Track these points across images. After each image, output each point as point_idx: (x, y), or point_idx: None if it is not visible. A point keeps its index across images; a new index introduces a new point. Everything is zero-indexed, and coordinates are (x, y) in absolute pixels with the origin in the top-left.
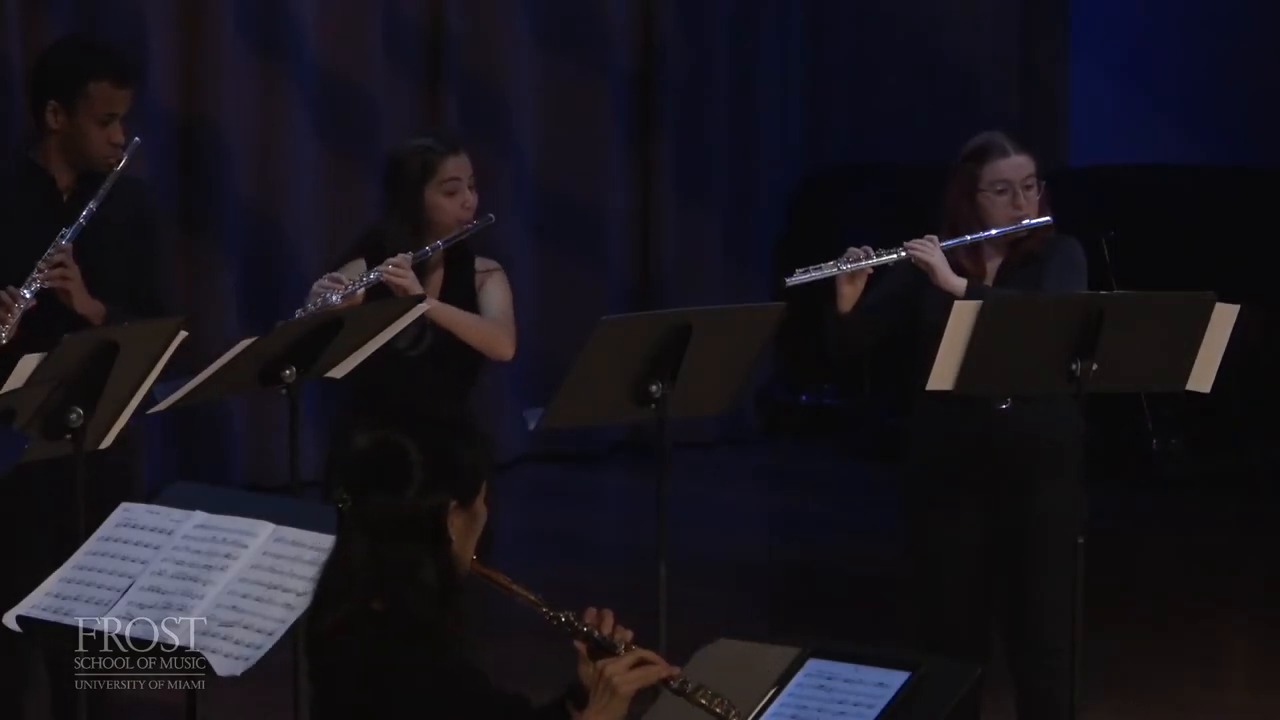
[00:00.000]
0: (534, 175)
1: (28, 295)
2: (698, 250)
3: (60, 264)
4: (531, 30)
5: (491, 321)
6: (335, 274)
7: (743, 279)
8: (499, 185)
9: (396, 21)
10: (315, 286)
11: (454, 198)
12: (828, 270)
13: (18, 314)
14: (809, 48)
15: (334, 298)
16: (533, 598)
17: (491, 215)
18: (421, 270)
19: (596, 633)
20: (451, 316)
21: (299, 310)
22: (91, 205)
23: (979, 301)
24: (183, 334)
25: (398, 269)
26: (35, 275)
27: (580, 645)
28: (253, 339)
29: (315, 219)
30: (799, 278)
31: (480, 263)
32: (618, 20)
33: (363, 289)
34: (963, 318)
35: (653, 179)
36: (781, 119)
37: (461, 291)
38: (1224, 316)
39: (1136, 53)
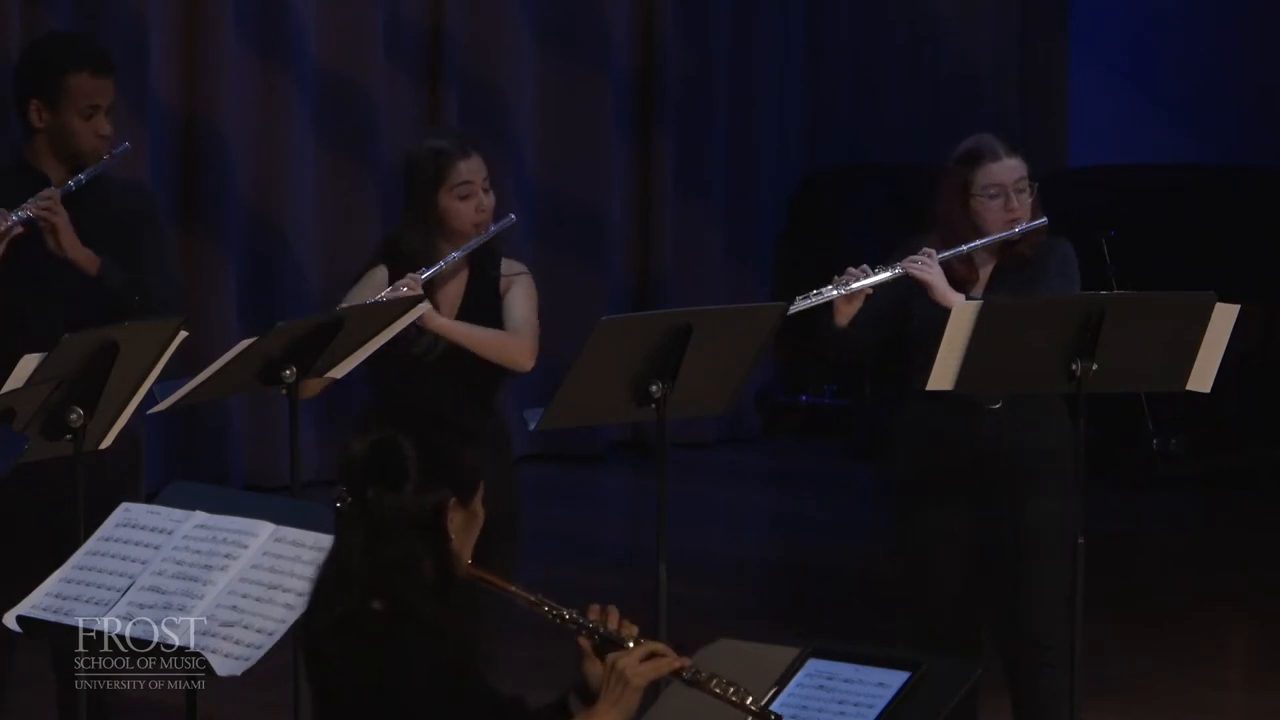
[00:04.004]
0: (534, 175)
1: (15, 219)
2: (698, 250)
3: (49, 197)
4: (531, 30)
5: (505, 333)
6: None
7: (743, 279)
8: (499, 185)
9: (396, 21)
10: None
11: (468, 202)
12: (828, 294)
13: (5, 234)
14: (809, 48)
15: None
16: (532, 598)
17: (512, 216)
18: (443, 276)
19: (602, 628)
20: (459, 333)
21: None
22: (81, 177)
23: (979, 302)
24: (183, 334)
25: (410, 291)
26: (25, 206)
27: (584, 642)
28: (253, 339)
29: (315, 219)
30: (800, 305)
31: (506, 265)
32: (618, 20)
33: None
34: (963, 318)
35: (653, 179)
36: (781, 119)
37: (485, 296)
38: (1224, 316)
39: (1136, 53)
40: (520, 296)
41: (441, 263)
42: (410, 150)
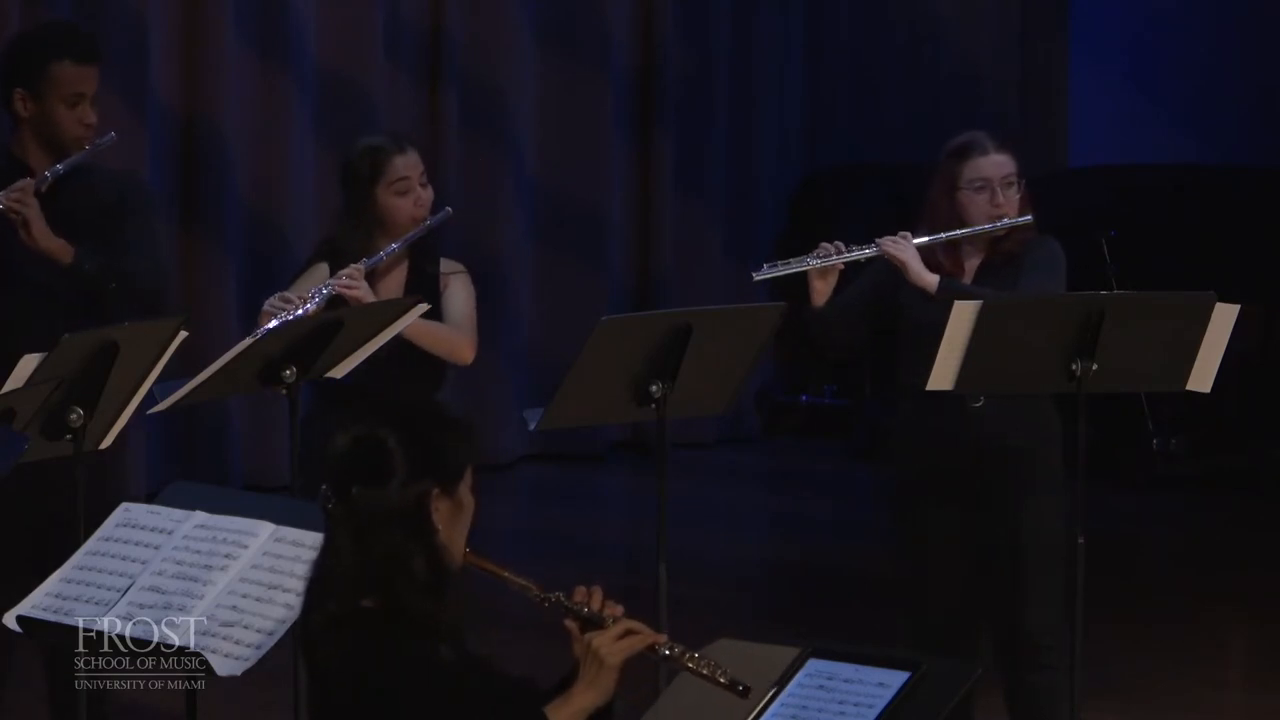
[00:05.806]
0: (534, 175)
1: None
2: (698, 250)
3: (20, 189)
4: (531, 30)
5: (450, 328)
6: (285, 293)
7: (743, 279)
8: (499, 185)
9: (396, 21)
10: (266, 307)
11: (406, 197)
12: (797, 265)
13: None
14: (809, 48)
15: (286, 319)
16: (523, 582)
17: (448, 209)
18: (381, 272)
19: (585, 609)
20: (417, 326)
21: (251, 337)
22: (59, 167)
23: (979, 302)
24: (183, 334)
25: (350, 280)
26: None
27: (571, 624)
28: (253, 339)
29: (315, 219)
30: (767, 272)
31: (445, 264)
32: (618, 20)
33: (315, 306)
34: (963, 318)
35: (653, 179)
36: (781, 119)
37: (424, 292)
38: (1224, 316)
39: (1136, 53)
40: (459, 294)
41: (382, 253)
42: (346, 151)
